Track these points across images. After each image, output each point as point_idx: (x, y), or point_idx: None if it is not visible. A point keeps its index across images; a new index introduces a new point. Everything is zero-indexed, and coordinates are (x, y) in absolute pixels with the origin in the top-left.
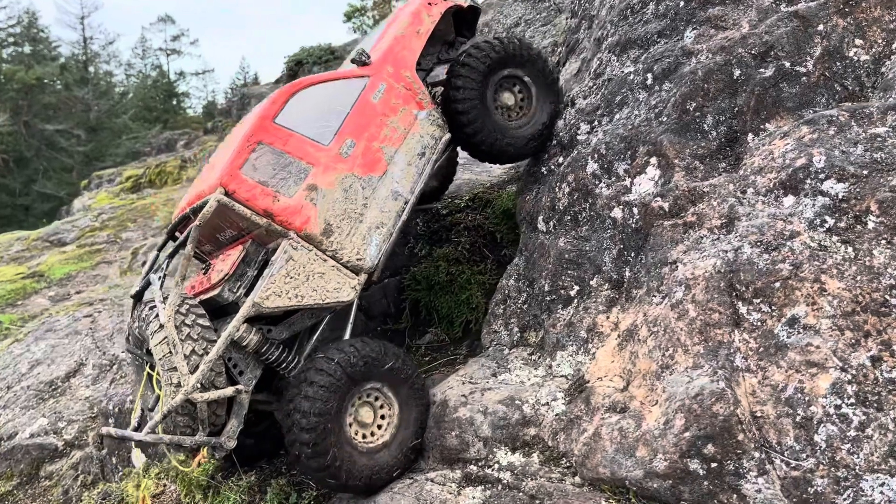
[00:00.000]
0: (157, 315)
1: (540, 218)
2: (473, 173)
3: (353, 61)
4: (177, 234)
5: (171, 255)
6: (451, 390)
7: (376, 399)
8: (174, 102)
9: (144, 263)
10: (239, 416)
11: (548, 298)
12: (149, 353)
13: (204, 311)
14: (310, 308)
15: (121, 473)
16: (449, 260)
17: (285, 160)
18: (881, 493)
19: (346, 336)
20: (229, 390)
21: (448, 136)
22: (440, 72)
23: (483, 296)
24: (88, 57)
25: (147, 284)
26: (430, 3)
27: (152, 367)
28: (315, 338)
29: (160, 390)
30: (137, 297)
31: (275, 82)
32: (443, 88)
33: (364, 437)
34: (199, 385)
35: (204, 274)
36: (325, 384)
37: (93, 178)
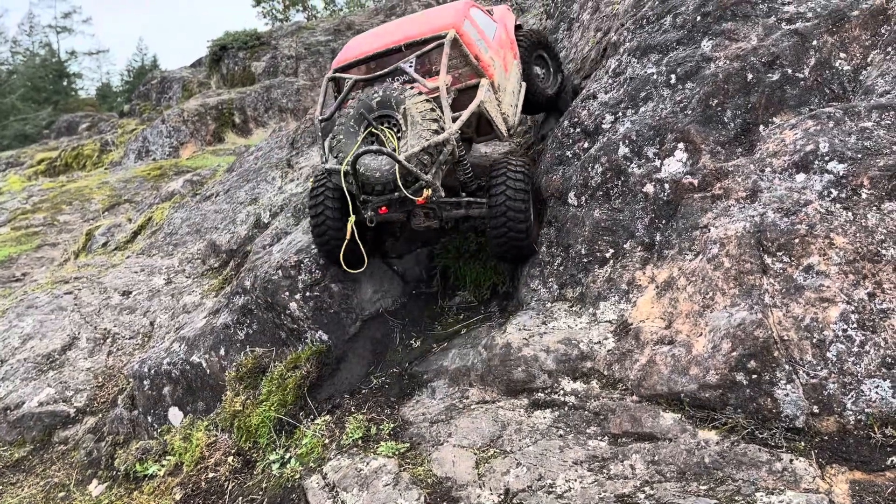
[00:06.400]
0: (415, 86)
1: (571, 194)
2: (489, 146)
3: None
4: (344, 74)
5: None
6: (511, 336)
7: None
8: (65, 83)
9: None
10: (438, 176)
11: (584, 260)
12: (379, 118)
13: None
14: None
15: (158, 430)
16: (477, 231)
17: (478, 33)
18: (876, 392)
19: None
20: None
21: (525, 86)
22: None
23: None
24: None
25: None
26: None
27: (375, 127)
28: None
29: (396, 141)
30: (363, 82)
31: (191, 65)
32: None
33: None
34: (457, 132)
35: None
36: (523, 183)
37: None
